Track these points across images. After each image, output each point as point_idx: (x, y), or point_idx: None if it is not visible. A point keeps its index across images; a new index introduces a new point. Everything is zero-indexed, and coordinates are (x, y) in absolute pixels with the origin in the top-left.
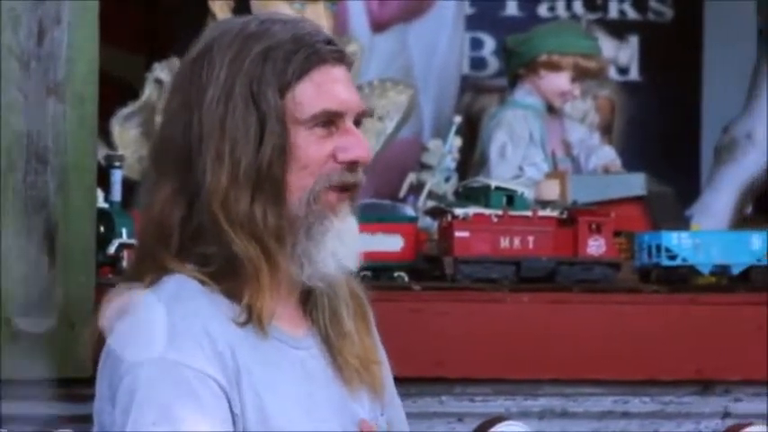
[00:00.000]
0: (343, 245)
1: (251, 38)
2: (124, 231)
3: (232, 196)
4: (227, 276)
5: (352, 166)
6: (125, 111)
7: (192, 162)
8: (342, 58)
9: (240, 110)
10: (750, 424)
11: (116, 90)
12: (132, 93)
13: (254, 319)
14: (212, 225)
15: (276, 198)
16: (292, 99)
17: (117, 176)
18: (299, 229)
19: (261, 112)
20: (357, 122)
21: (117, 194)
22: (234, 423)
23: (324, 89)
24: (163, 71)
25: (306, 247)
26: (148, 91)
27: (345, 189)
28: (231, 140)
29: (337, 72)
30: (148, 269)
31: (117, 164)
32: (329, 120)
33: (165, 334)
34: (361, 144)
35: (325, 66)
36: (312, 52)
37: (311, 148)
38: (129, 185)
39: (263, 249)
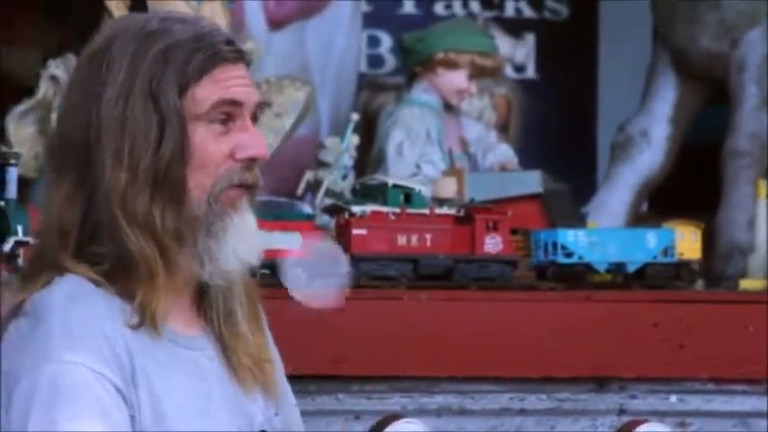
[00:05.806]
0: (243, 241)
1: (151, 36)
2: (20, 229)
3: (130, 195)
4: (121, 276)
5: (250, 164)
6: (20, 108)
7: (91, 159)
8: (241, 58)
9: (139, 108)
10: (645, 421)
11: (11, 87)
12: (27, 90)
13: (147, 320)
14: (109, 223)
15: (175, 199)
16: (192, 98)
17: (12, 174)
18: (198, 228)
19: (160, 111)
20: (255, 117)
21: (12, 192)
22: (132, 425)
23: (222, 84)
24: (58, 68)
25: (207, 245)
26: (44, 88)
27: (245, 187)
28: (130, 139)
29: (236, 70)
30: (44, 268)
31: (12, 161)
32: (227, 114)
33: (63, 336)
34: (258, 141)
35: (224, 65)
36: (213, 53)
37: (209, 146)
38: (24, 183)
39: (161, 249)
